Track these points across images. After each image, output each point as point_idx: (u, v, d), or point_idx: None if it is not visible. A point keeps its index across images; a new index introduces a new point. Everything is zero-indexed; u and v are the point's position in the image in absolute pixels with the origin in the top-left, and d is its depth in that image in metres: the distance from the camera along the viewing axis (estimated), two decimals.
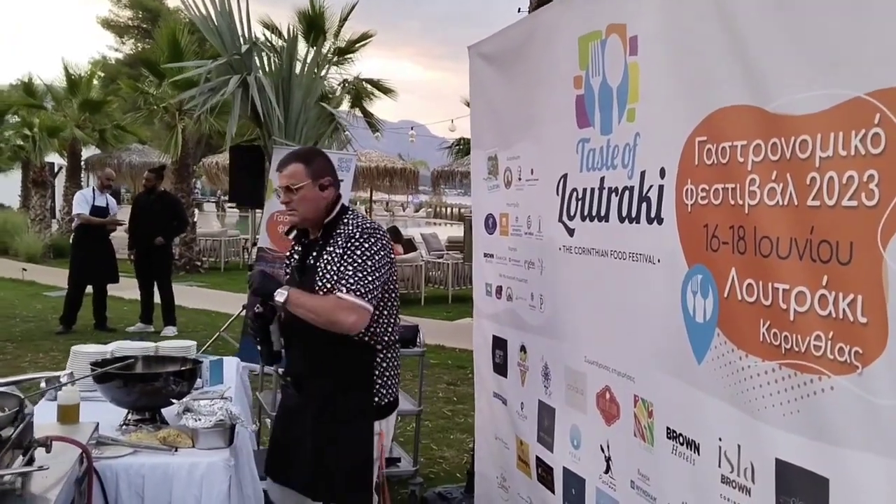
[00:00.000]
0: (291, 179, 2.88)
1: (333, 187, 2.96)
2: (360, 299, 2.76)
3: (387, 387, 3.00)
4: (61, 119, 19.69)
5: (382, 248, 2.86)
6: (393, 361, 3.03)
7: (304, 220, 2.96)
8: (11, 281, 13.84)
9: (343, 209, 2.98)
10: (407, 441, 5.54)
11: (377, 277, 2.81)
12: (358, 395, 2.94)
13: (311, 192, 2.89)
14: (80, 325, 9.42)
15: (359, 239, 2.85)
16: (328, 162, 3.00)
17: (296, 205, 2.90)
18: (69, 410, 2.94)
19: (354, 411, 2.95)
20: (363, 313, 2.78)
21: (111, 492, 2.89)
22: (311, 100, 8.32)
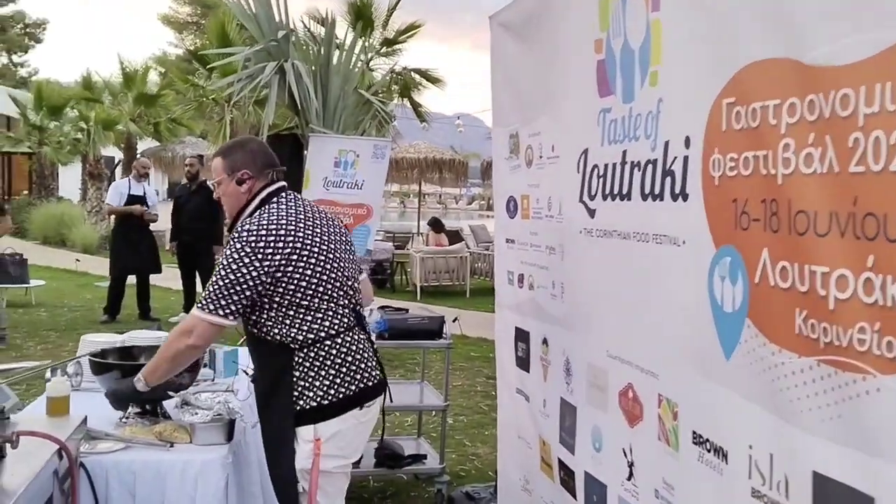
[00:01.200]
0: (214, 174, 2.80)
1: (254, 180, 2.75)
2: (204, 312, 2.57)
3: (316, 388, 2.64)
4: (117, 112, 19.99)
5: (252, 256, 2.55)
6: (324, 360, 2.65)
7: (231, 216, 2.82)
8: (65, 271, 14.06)
9: (262, 202, 2.72)
10: (436, 438, 5.32)
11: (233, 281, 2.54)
12: (277, 400, 2.68)
13: (228, 186, 2.76)
14: (124, 315, 9.44)
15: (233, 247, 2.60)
16: (252, 154, 2.78)
17: (223, 200, 2.81)
18: (58, 402, 2.78)
19: (275, 416, 2.71)
20: (203, 327, 2.58)
21: (101, 489, 2.73)
22: (350, 87, 8.15)
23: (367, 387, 2.70)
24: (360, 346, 2.72)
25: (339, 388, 2.64)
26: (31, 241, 18.60)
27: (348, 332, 2.68)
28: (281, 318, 2.62)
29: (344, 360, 2.66)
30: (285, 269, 2.57)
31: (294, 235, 2.60)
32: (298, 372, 2.62)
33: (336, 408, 2.64)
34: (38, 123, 21.24)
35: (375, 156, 7.22)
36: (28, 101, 21.71)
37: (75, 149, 21.44)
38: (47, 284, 11.40)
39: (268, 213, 2.65)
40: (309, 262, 2.61)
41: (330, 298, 2.65)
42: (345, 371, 2.65)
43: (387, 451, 4.53)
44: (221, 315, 2.55)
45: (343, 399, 2.65)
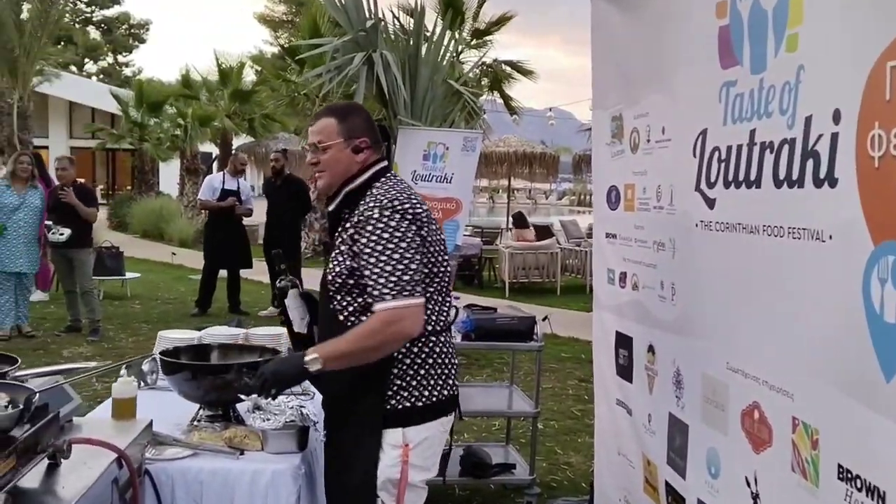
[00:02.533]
0: (320, 136, 2.43)
1: (370, 151, 2.45)
2: (411, 298, 2.24)
3: (413, 387, 2.37)
4: (213, 109, 20.39)
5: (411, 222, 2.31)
6: (426, 357, 2.40)
7: (330, 187, 2.47)
8: (161, 264, 14.36)
9: (375, 176, 2.44)
10: (526, 445, 5.02)
11: (412, 261, 2.26)
12: (363, 397, 2.37)
13: (341, 152, 2.41)
14: (215, 309, 9.48)
15: (379, 220, 2.29)
16: (368, 122, 2.51)
17: (324, 166, 2.43)
18: (124, 405, 2.62)
19: (361, 417, 2.39)
20: (413, 310, 2.26)
21: (166, 498, 2.55)
22: (439, 77, 7.92)
23: (452, 394, 2.47)
24: (452, 348, 2.51)
25: (433, 390, 2.39)
26: (132, 234, 19.16)
27: (447, 331, 2.48)
28: None
29: (443, 361, 2.42)
30: (425, 238, 2.34)
31: (424, 205, 2.40)
32: (398, 368, 2.35)
33: (430, 411, 2.39)
34: (138, 120, 21.90)
35: (465, 148, 6.97)
36: (130, 98, 22.42)
37: (174, 145, 22.00)
38: (143, 277, 11.62)
39: (393, 184, 2.41)
40: (433, 245, 2.38)
41: (443, 290, 2.45)
42: (440, 372, 2.41)
43: (473, 458, 4.26)
44: (419, 294, 2.26)
45: (437, 402, 2.39)
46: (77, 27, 44.99)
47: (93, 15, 47.38)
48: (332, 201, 2.48)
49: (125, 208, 20.57)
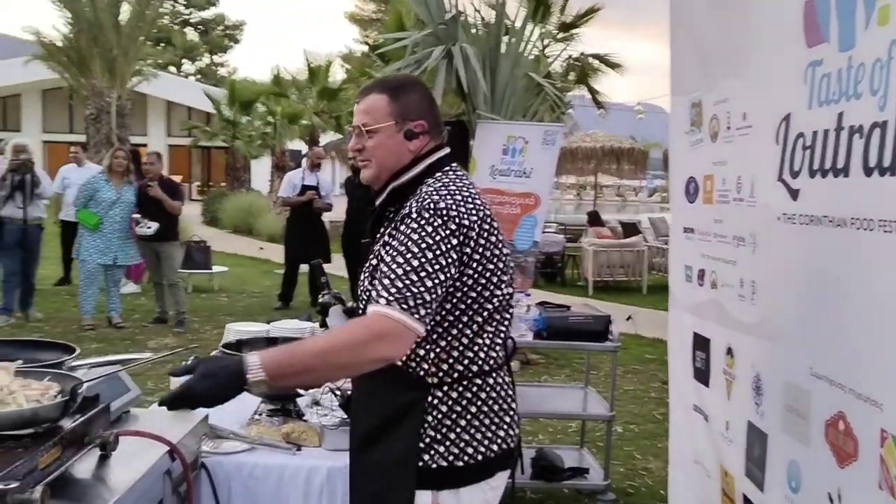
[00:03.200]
0: (367, 117, 1.98)
1: (428, 137, 2.01)
2: (409, 316, 1.73)
3: (451, 442, 1.90)
4: (301, 107, 20.77)
5: (448, 234, 1.83)
6: (468, 405, 1.91)
7: (377, 179, 2.03)
8: (249, 258, 14.69)
9: (430, 169, 2.00)
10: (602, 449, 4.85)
11: (430, 276, 1.77)
12: (398, 447, 1.91)
13: (391, 138, 1.98)
14: (297, 303, 9.60)
15: (417, 220, 1.84)
16: (428, 101, 2.05)
17: (370, 153, 2.00)
18: None
19: (380, 469, 1.95)
20: (402, 331, 1.74)
21: (223, 493, 2.53)
22: (520, 71, 7.80)
23: (508, 448, 1.98)
24: (508, 392, 2.02)
25: (479, 447, 1.92)
26: (223, 229, 19.68)
27: (500, 370, 2.00)
28: (441, 331, 1.89)
29: (491, 409, 1.94)
30: (475, 244, 1.86)
31: (480, 213, 1.89)
32: (432, 417, 1.89)
33: (472, 473, 1.91)
34: (230, 118, 22.50)
35: (546, 142, 6.81)
36: (223, 97, 23.06)
37: (264, 142, 22.54)
38: (231, 271, 11.89)
39: (450, 180, 1.96)
40: (484, 265, 1.89)
41: (499, 319, 1.96)
42: (488, 422, 1.93)
43: (544, 461, 4.14)
44: (418, 317, 1.74)
45: (483, 462, 1.92)
46: (176, 29, 46.67)
47: (190, 16, 49.06)
48: (378, 196, 2.05)
49: (218, 204, 21.15)
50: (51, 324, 8.18)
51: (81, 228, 8.01)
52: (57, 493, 1.69)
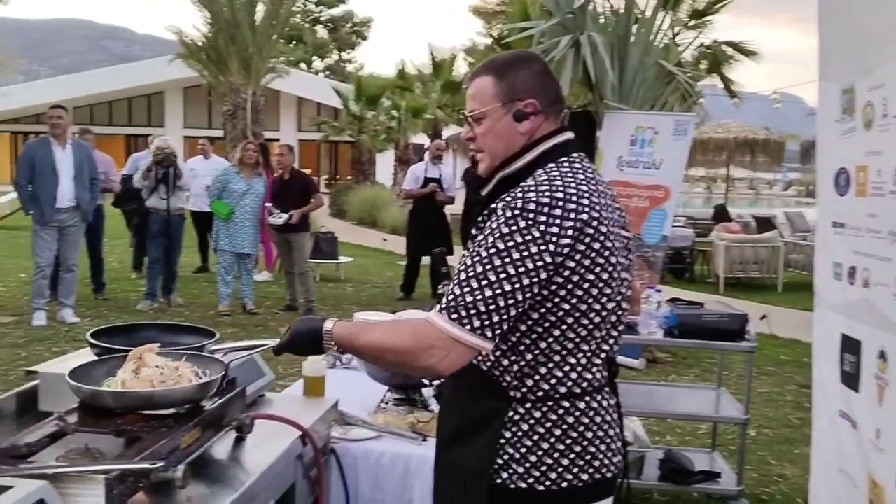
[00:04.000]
0: (474, 102, 1.81)
1: (541, 118, 1.79)
2: (460, 327, 1.59)
3: (531, 465, 1.73)
4: (425, 101, 21.01)
5: (529, 240, 1.61)
6: (552, 428, 1.73)
7: (491, 168, 1.83)
8: (373, 250, 14.99)
9: (543, 156, 1.77)
10: (734, 452, 4.64)
11: (498, 287, 1.59)
12: (476, 455, 1.76)
13: (499, 122, 1.78)
14: (419, 294, 9.71)
15: (498, 219, 1.65)
16: (540, 77, 1.81)
17: (480, 141, 1.82)
18: (314, 383, 2.68)
19: (458, 474, 1.81)
20: (453, 346, 1.60)
21: (351, 479, 2.56)
22: (650, 59, 7.57)
23: (602, 479, 1.78)
24: (607, 417, 1.80)
25: (565, 473, 1.73)
26: (348, 221, 20.17)
27: (598, 393, 1.78)
28: (528, 343, 1.70)
29: (582, 435, 1.75)
30: (571, 255, 1.63)
31: (585, 215, 1.65)
32: (511, 433, 1.73)
33: (554, 500, 1.74)
34: (357, 113, 23.04)
35: (677, 132, 6.60)
36: (350, 93, 23.63)
37: (389, 136, 22.95)
38: (356, 261, 12.16)
39: (560, 173, 1.72)
40: (593, 269, 1.66)
41: (601, 338, 1.76)
42: (579, 450, 1.74)
43: (673, 463, 3.99)
44: (471, 328, 1.59)
45: (567, 490, 1.74)
46: (307, 27, 48.19)
47: (321, 14, 50.55)
48: (485, 186, 1.86)
49: (344, 197, 21.70)
50: (190, 309, 8.60)
51: (216, 219, 8.38)
52: (196, 473, 1.75)
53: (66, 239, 7.69)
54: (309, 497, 2.30)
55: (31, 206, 7.51)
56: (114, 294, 9.40)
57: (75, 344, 6.62)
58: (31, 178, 7.44)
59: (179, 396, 1.82)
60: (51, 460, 1.57)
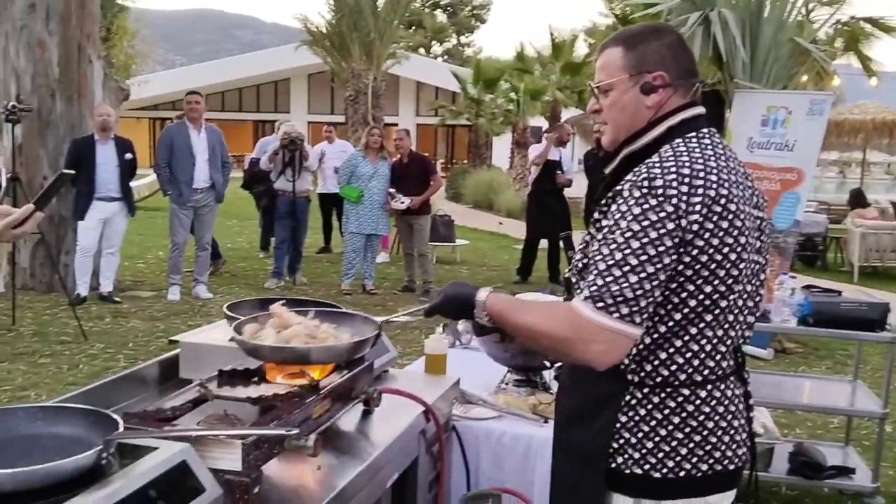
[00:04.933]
0: (601, 73, 1.75)
1: (669, 91, 1.71)
2: (608, 316, 1.54)
3: (648, 451, 1.68)
4: (543, 83, 20.80)
5: (664, 216, 1.55)
6: (670, 415, 1.67)
7: (615, 142, 1.77)
8: (489, 233, 15.00)
9: (671, 131, 1.69)
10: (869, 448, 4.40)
11: (636, 270, 1.54)
12: (592, 438, 1.73)
13: (625, 94, 1.72)
14: (535, 278, 9.65)
15: (627, 200, 1.59)
16: (672, 49, 1.73)
17: (605, 114, 1.76)
18: (435, 360, 2.71)
19: (574, 456, 1.78)
20: (616, 340, 1.56)
21: (472, 457, 2.58)
22: (784, 36, 7.21)
23: (724, 470, 1.71)
24: (731, 407, 1.72)
25: (683, 462, 1.68)
26: (464, 205, 20.27)
27: (721, 382, 1.70)
28: (646, 329, 1.62)
29: (702, 424, 1.68)
30: (700, 234, 1.56)
31: (714, 192, 1.58)
32: (628, 417, 1.69)
33: (672, 488, 1.69)
34: (475, 97, 23.06)
35: (812, 112, 6.27)
36: (468, 76, 23.68)
37: (506, 119, 22.87)
38: (472, 244, 12.22)
39: (688, 148, 1.64)
40: (721, 249, 1.59)
41: (730, 324, 1.67)
42: (698, 439, 1.68)
43: (804, 457, 3.82)
44: (619, 315, 1.54)
45: (685, 479, 1.68)
46: (426, 12, 48.57)
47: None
48: (610, 162, 1.79)
49: (460, 180, 21.82)
50: (314, 287, 8.87)
51: (346, 203, 8.59)
52: (326, 443, 1.80)
53: (201, 218, 8.08)
54: (431, 472, 2.33)
55: (169, 186, 7.91)
56: (243, 272, 9.83)
57: (208, 318, 6.97)
58: (169, 161, 7.84)
59: (336, 353, 1.90)
60: (192, 424, 1.65)
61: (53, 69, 8.08)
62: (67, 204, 7.89)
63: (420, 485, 2.26)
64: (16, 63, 8.09)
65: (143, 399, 2.08)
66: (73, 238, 7.91)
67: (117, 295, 7.93)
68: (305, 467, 1.78)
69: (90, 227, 7.58)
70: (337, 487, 1.73)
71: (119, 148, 7.67)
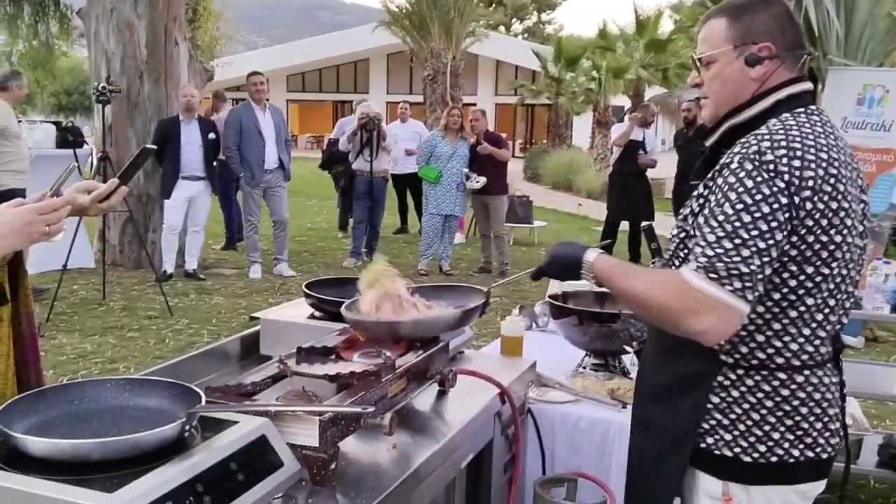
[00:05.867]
0: (704, 45, 1.71)
1: (776, 63, 1.65)
2: (720, 288, 1.50)
3: (739, 434, 1.65)
4: (627, 60, 20.39)
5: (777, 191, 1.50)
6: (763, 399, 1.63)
7: (716, 116, 1.73)
8: (567, 214, 14.83)
9: (777, 105, 1.64)
10: None
11: (747, 244, 1.49)
12: (680, 418, 1.70)
13: (728, 66, 1.67)
14: None
15: (736, 173, 1.54)
16: (780, 20, 1.66)
17: (707, 87, 1.72)
18: (511, 342, 2.68)
19: (669, 434, 1.73)
20: (727, 315, 1.51)
21: (547, 441, 2.56)
22: (882, 10, 6.85)
23: (816, 458, 1.67)
24: (827, 395, 1.67)
25: (775, 448, 1.64)
26: (543, 185, 20.08)
27: (819, 368, 1.65)
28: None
29: (796, 410, 1.64)
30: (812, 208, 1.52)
31: (823, 170, 1.53)
32: (720, 399, 1.66)
33: (762, 473, 1.65)
34: (556, 75, 22.77)
35: None
36: (549, 54, 23.39)
37: (587, 98, 22.53)
38: (549, 226, 12.10)
39: (797, 123, 1.59)
40: (829, 230, 1.55)
41: (831, 308, 1.62)
42: (790, 424, 1.64)
43: (894, 449, 3.66)
44: (731, 289, 1.49)
45: (776, 464, 1.65)
46: None
47: None
48: (711, 135, 1.76)
49: (539, 161, 21.62)
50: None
51: (424, 184, 8.60)
52: (401, 422, 1.81)
53: (274, 198, 8.20)
54: (506, 454, 2.32)
55: (240, 168, 8.02)
56: (322, 252, 9.98)
57: (288, 296, 7.11)
58: (238, 143, 7.94)
59: (443, 324, 1.94)
60: (271, 399, 1.67)
61: (141, 51, 8.32)
62: (154, 183, 8.14)
63: (495, 467, 2.24)
64: (106, 45, 8.37)
65: (225, 374, 2.13)
66: (159, 216, 8.17)
67: (201, 272, 8.16)
68: (381, 445, 1.79)
69: (176, 205, 7.80)
70: (412, 466, 1.73)
71: (203, 128, 7.86)
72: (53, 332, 5.99)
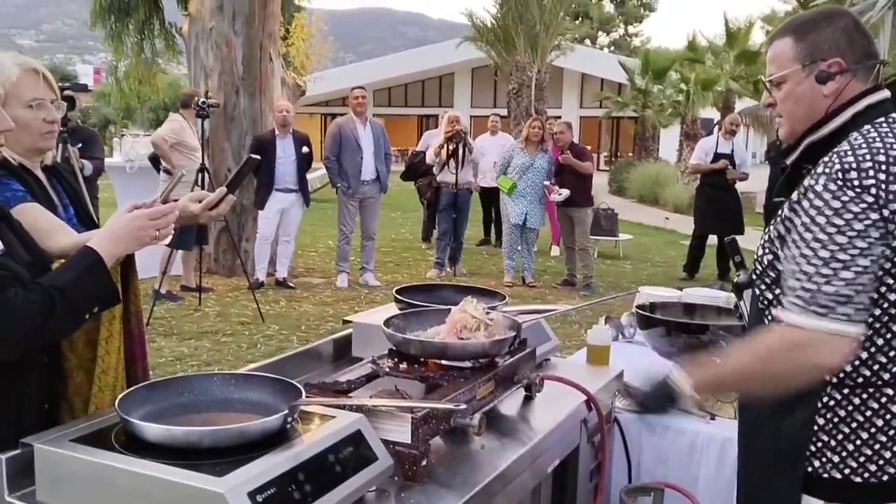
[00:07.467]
0: (772, 66, 1.72)
1: (848, 77, 1.64)
2: (824, 319, 1.50)
3: (848, 454, 1.62)
4: (716, 72, 19.99)
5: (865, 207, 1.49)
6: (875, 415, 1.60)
7: (793, 134, 1.73)
8: (654, 228, 14.62)
9: (856, 118, 1.63)
10: None
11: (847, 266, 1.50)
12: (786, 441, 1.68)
13: (800, 85, 1.67)
14: (703, 275, 9.31)
15: (822, 196, 1.54)
16: (846, 34, 1.65)
17: (780, 107, 1.73)
18: (598, 351, 2.69)
19: (776, 457, 1.70)
20: (824, 339, 1.51)
21: (634, 450, 2.56)
22: None
23: None
24: None
25: (886, 466, 1.61)
26: (629, 198, 19.85)
27: None
28: None
29: None
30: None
31: None
32: (825, 420, 1.63)
33: (872, 492, 1.62)
34: (643, 88, 22.50)
35: None
36: (636, 67, 23.12)
37: (675, 111, 22.16)
38: (635, 239, 11.96)
39: (879, 134, 1.57)
40: None
41: None
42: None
43: None
44: (835, 315, 1.50)
45: (888, 483, 1.62)
46: (593, 2, 47.84)
47: None
48: (791, 153, 1.74)
49: (625, 174, 21.37)
50: (474, 279, 9.01)
51: (501, 193, 8.65)
52: (489, 425, 1.84)
53: (367, 209, 8.40)
54: (592, 462, 2.33)
55: (338, 178, 8.27)
56: (406, 262, 10.13)
57: (373, 305, 7.23)
58: (338, 154, 8.19)
59: (472, 350, 1.93)
60: (365, 397, 1.74)
61: (238, 67, 8.64)
62: (249, 194, 8.43)
63: (581, 473, 2.26)
64: (205, 62, 8.73)
65: (319, 373, 2.21)
66: (253, 226, 8.45)
67: (291, 281, 8.40)
68: (470, 446, 1.83)
69: (269, 216, 8.06)
70: (499, 468, 1.76)
71: (297, 142, 8.10)
72: (153, 335, 6.26)
